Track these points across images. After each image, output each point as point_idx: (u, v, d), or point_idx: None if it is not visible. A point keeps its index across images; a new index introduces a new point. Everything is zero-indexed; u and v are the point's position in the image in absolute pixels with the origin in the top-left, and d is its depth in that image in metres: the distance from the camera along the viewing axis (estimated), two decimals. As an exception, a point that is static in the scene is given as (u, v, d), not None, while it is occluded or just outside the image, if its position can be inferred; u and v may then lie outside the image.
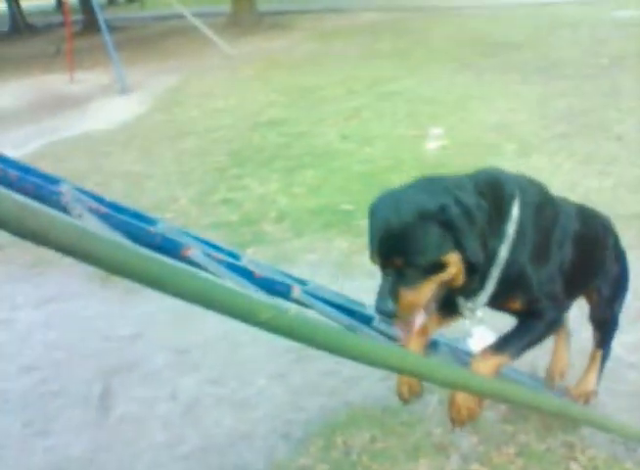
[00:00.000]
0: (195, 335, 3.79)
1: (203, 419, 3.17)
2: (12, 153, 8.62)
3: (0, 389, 3.66)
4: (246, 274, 1.75)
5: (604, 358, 2.46)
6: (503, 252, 1.57)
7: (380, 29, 14.01)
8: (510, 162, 5.53)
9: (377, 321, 2.23)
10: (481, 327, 3.37)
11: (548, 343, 2.67)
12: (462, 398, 1.65)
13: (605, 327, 2.37)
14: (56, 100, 11.93)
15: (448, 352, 2.41)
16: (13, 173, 1.48)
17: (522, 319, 1.71)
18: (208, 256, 1.66)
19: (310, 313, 1.87)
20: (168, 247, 1.62)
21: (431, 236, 1.42)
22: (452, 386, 1.47)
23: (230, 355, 3.56)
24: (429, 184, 1.51)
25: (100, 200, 2.05)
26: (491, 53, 9.95)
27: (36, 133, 9.70)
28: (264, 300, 1.15)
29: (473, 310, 1.68)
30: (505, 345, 1.65)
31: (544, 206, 1.71)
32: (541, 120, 6.56)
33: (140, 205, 5.90)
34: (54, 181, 1.71)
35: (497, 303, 1.71)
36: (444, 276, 1.48)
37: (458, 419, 1.67)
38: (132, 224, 1.63)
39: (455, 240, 1.43)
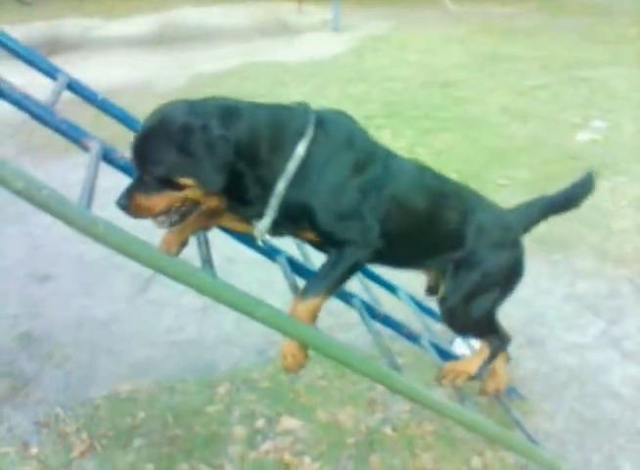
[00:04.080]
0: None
1: (210, 318, 3.49)
2: (213, 65, 9.47)
3: (81, 251, 4.26)
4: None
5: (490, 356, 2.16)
6: (280, 186, 1.59)
7: (618, 13, 12.86)
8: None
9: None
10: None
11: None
12: (287, 345, 1.72)
13: (460, 325, 2.05)
14: (275, 26, 12.71)
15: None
16: None
17: (329, 255, 1.70)
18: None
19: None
20: (72, 133, 1.88)
21: (165, 152, 1.46)
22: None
23: (266, 274, 3.75)
24: (206, 104, 1.55)
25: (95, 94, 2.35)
26: None
27: (243, 52, 10.48)
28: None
29: (262, 232, 1.69)
30: (311, 288, 1.66)
31: (350, 150, 1.67)
32: None
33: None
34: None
35: (290, 231, 1.73)
36: (180, 195, 1.53)
37: (285, 366, 1.74)
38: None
39: (191, 165, 1.47)
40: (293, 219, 1.66)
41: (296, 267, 2.24)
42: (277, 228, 1.71)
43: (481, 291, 1.96)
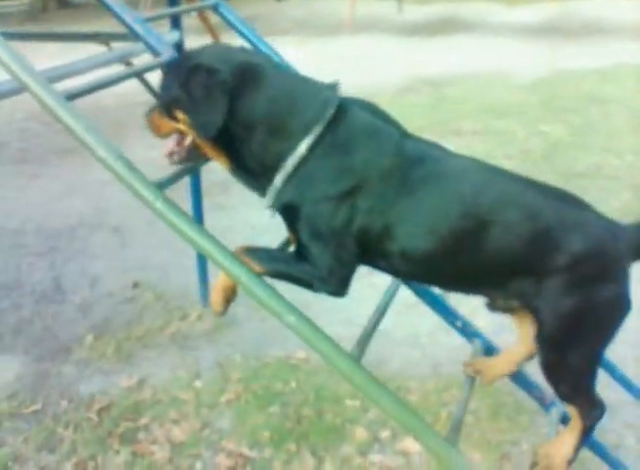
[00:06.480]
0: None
1: (409, 316, 3.35)
2: (582, 62, 8.79)
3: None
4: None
5: (585, 430, 1.63)
6: (278, 180, 1.43)
7: None
8: None
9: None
10: None
11: None
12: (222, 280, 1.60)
13: (555, 377, 1.56)
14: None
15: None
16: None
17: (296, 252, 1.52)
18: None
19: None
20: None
21: (170, 82, 1.52)
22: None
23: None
24: (235, 54, 1.51)
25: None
26: None
27: (624, 50, 9.42)
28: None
29: (267, 210, 1.53)
30: (263, 257, 1.50)
31: (355, 157, 1.42)
32: None
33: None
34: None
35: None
36: (175, 126, 1.52)
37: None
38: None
39: (187, 102, 1.45)
40: (283, 215, 1.52)
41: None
42: None
43: (580, 341, 1.48)
